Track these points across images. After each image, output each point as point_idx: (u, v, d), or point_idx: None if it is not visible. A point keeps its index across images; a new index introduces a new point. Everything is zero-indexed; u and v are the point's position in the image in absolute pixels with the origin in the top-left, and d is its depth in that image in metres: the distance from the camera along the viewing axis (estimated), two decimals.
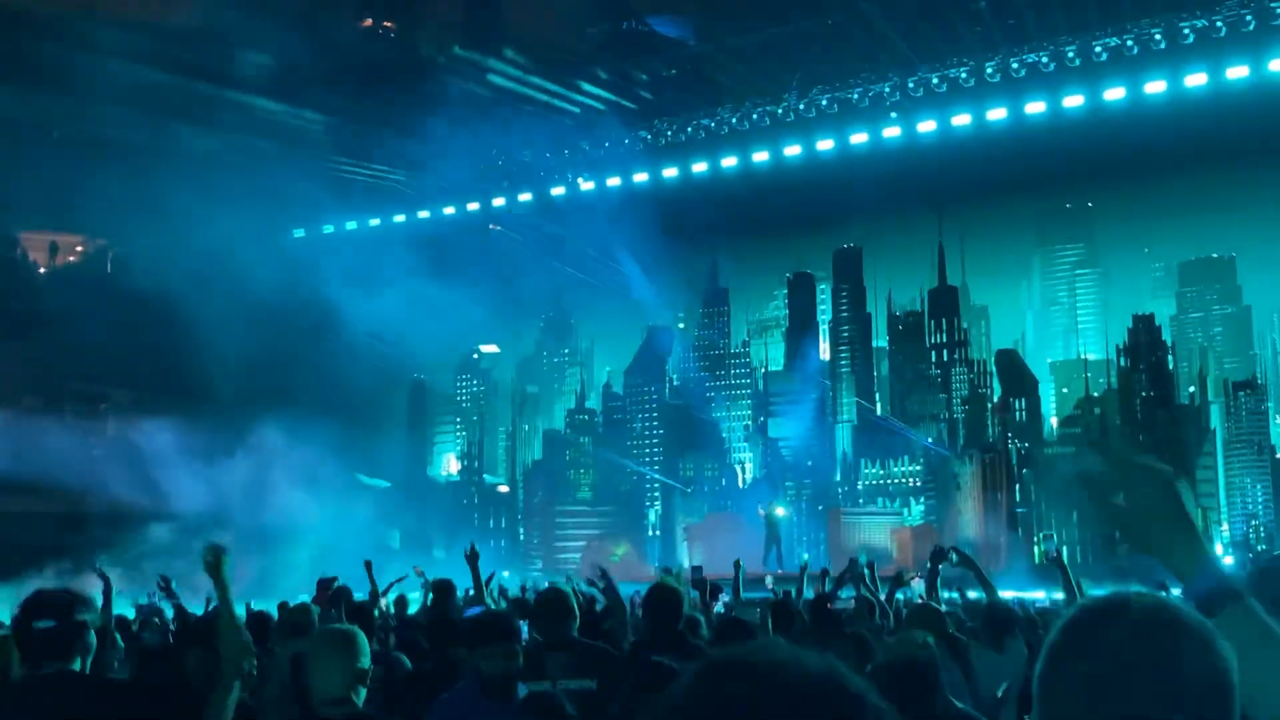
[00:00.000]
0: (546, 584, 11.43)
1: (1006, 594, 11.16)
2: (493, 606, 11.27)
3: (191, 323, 40.72)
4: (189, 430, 39.84)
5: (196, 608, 13.56)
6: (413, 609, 15.24)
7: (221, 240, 41.92)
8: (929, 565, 12.75)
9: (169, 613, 13.72)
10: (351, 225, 50.42)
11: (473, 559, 11.32)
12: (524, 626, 8.57)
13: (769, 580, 27.00)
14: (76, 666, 5.06)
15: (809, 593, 14.63)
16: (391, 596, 15.51)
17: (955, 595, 16.44)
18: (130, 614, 15.79)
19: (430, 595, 12.66)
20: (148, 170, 39.04)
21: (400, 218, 50.03)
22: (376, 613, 12.16)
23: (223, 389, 42.89)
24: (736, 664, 1.46)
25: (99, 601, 6.76)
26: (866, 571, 14.73)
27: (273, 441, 41.93)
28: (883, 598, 12.97)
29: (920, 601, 12.14)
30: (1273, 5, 35.03)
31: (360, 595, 13.69)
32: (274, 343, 45.31)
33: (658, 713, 1.44)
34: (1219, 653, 2.00)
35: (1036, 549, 63.08)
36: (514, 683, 6.19)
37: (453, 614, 10.90)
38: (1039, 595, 16.91)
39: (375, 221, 50.26)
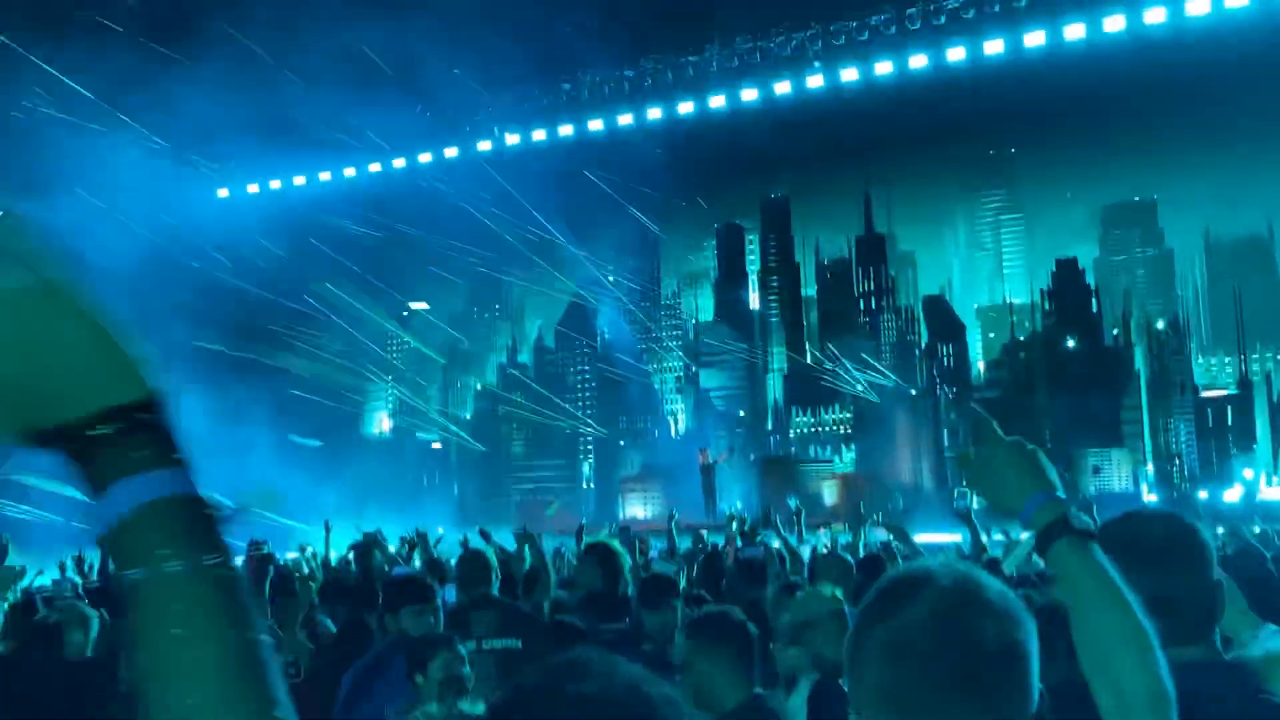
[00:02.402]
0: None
1: (925, 537, 11.33)
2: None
3: (112, 284, 40.14)
4: None
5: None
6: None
7: (147, 199, 41.49)
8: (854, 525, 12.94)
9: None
10: (276, 184, 49.98)
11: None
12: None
13: (703, 533, 27.11)
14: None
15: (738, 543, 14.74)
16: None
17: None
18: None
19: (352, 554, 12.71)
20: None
21: (326, 175, 49.66)
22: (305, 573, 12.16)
23: (153, 352, 42.43)
24: (543, 690, 1.50)
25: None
26: (792, 518, 14.83)
27: (201, 403, 41.64)
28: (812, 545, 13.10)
29: (826, 552, 12.29)
30: None
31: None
32: (205, 303, 44.94)
33: None
34: (1018, 625, 2.09)
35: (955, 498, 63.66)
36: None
37: (374, 575, 10.94)
38: (956, 539, 17.09)
39: (300, 180, 49.86)
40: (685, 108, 43.15)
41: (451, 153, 47.82)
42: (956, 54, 38.74)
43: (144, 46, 37.84)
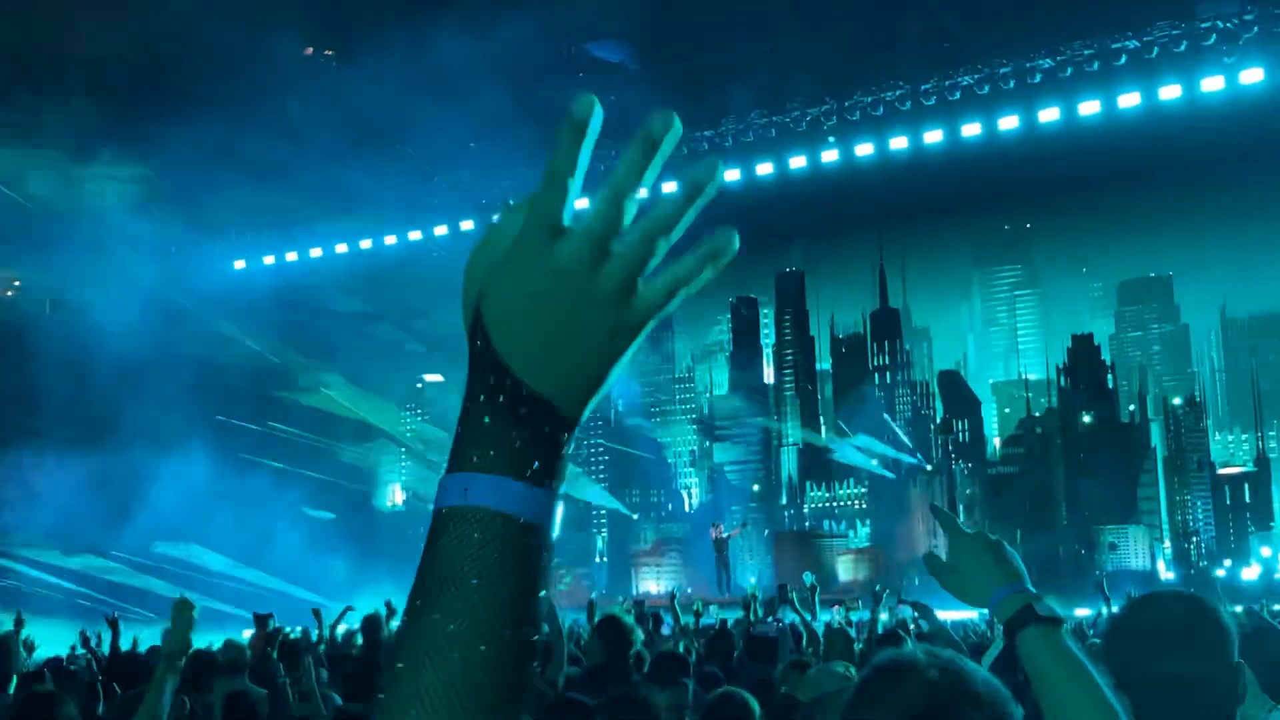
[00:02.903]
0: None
1: (943, 614, 11.18)
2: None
3: (126, 361, 40.34)
4: (122, 469, 39.40)
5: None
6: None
7: (160, 275, 41.66)
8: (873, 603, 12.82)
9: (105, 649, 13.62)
10: (292, 256, 50.12)
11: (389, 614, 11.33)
12: None
13: (713, 609, 26.91)
14: None
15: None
16: (341, 630, 15.40)
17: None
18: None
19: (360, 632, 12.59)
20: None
21: (342, 248, 49.78)
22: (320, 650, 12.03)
23: (163, 426, 42.50)
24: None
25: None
26: (808, 595, 14.70)
27: (214, 476, 41.61)
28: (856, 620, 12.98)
29: (836, 626, 12.16)
30: (1203, 25, 35.46)
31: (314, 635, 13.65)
32: (215, 379, 45.02)
33: None
34: (1006, 715, 2.06)
35: None
36: None
37: (381, 651, 10.79)
38: (973, 615, 16.94)
39: (316, 252, 49.99)
40: None
41: (468, 225, 47.96)
42: (972, 129, 38.82)
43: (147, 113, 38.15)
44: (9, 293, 52.39)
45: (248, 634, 14.40)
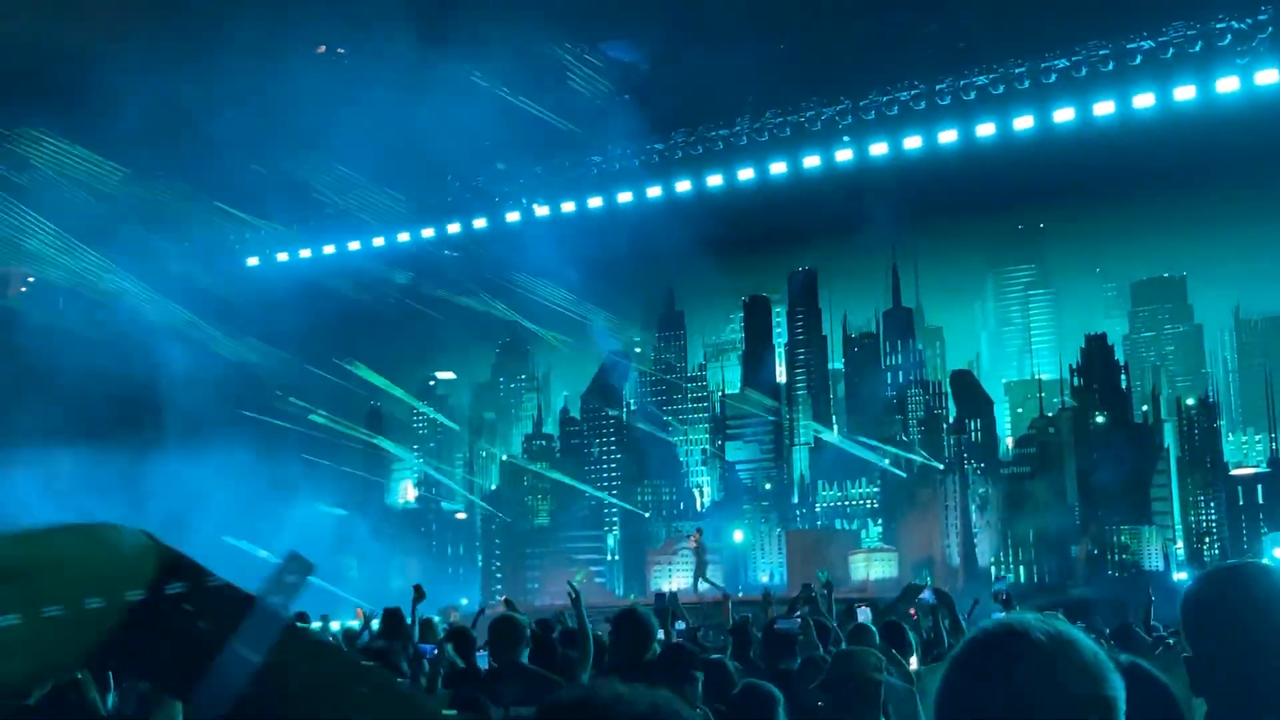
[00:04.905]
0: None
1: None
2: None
3: (143, 355, 40.49)
4: (138, 463, 39.48)
5: None
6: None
7: (176, 270, 41.77)
8: (900, 601, 12.86)
9: None
10: (306, 253, 50.25)
11: (417, 598, 11.35)
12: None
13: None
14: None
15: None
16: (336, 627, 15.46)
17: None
18: None
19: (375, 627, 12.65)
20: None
21: (355, 245, 49.92)
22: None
23: (174, 421, 42.65)
24: (574, 703, 1.59)
25: None
26: (825, 593, 14.77)
27: (227, 471, 41.69)
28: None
29: (859, 623, 12.23)
30: (1219, 26, 35.44)
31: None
32: (228, 373, 45.13)
33: None
34: (1112, 683, 2.08)
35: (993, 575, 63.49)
36: None
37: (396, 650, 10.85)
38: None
39: (330, 249, 50.11)
40: (714, 180, 43.31)
41: (480, 223, 48.05)
42: (986, 129, 38.85)
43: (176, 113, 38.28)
44: (23, 289, 52.58)
45: None
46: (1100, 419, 68.42)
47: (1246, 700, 2.68)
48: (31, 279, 53.07)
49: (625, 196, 45.25)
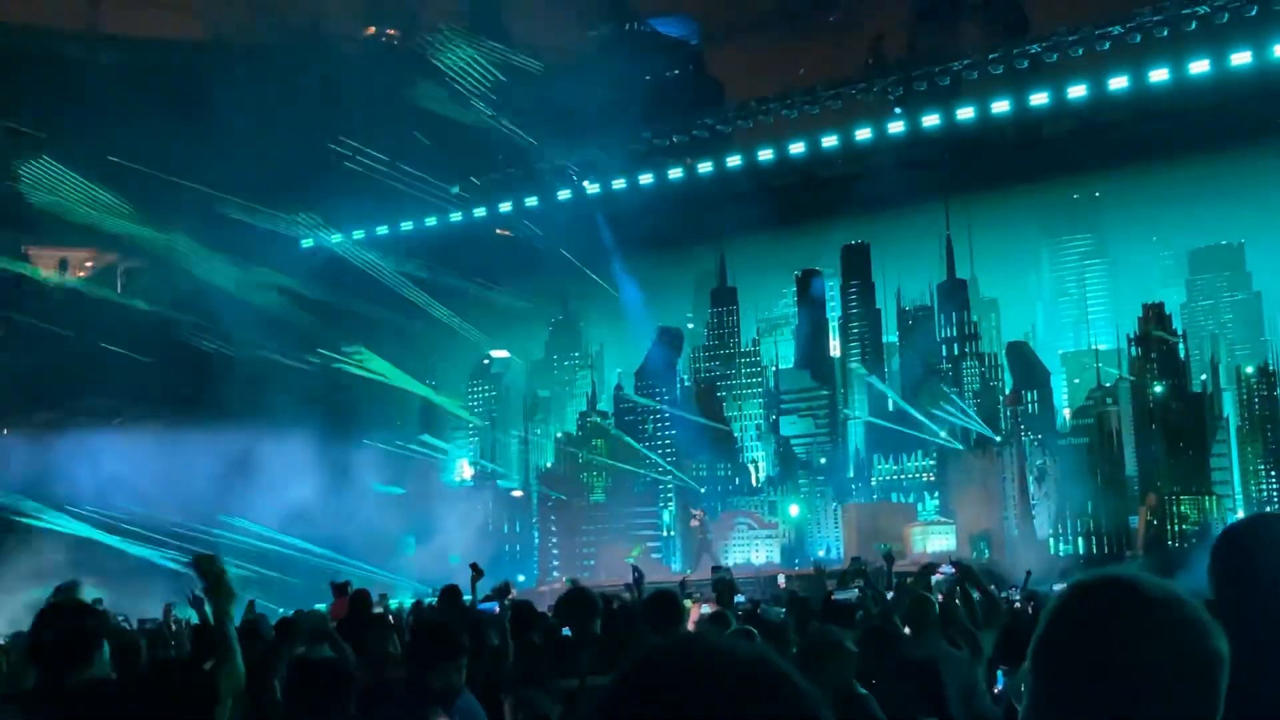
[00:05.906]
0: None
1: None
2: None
3: (202, 337, 40.86)
4: (203, 443, 39.87)
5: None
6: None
7: (231, 252, 42.12)
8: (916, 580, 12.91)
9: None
10: (359, 234, 50.53)
11: (475, 576, 11.51)
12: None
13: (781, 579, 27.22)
14: (101, 673, 5.10)
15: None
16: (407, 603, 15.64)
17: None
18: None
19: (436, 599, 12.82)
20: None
21: (408, 225, 50.15)
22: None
23: (235, 402, 43.00)
24: (673, 651, 1.58)
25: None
26: (884, 565, 14.82)
27: (287, 452, 42.02)
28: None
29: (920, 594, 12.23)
30: None
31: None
32: (285, 354, 45.47)
33: (605, 694, 1.56)
34: (1219, 635, 2.08)
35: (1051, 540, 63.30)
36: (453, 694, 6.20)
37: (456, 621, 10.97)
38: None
39: (383, 230, 50.38)
40: (765, 155, 43.24)
41: (532, 201, 48.17)
42: (1040, 99, 38.59)
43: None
44: (80, 273, 53.18)
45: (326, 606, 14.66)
46: (1158, 389, 67.93)
47: (1269, 640, 2.69)
48: (90, 263, 53.71)
49: (676, 173, 45.24)
